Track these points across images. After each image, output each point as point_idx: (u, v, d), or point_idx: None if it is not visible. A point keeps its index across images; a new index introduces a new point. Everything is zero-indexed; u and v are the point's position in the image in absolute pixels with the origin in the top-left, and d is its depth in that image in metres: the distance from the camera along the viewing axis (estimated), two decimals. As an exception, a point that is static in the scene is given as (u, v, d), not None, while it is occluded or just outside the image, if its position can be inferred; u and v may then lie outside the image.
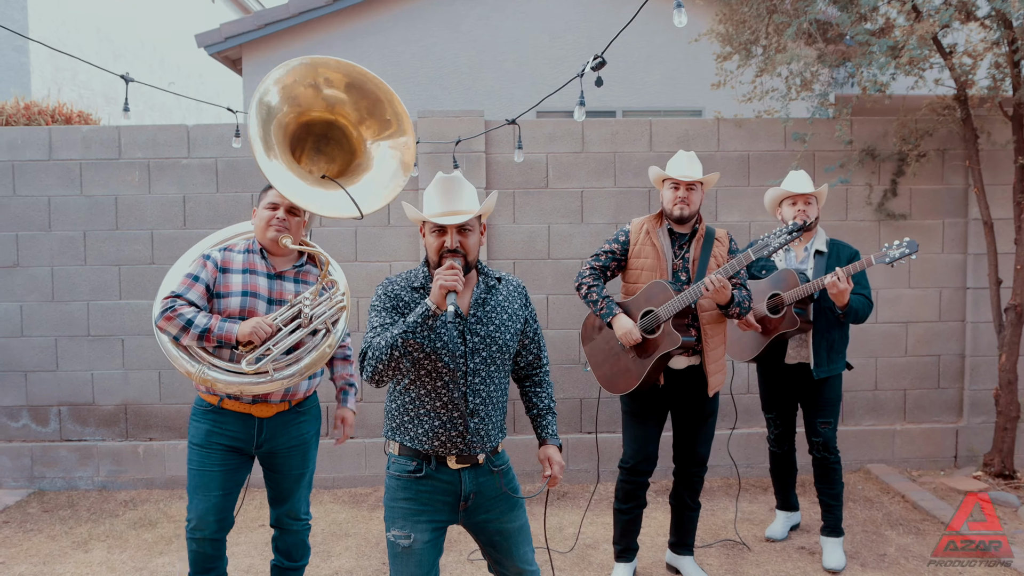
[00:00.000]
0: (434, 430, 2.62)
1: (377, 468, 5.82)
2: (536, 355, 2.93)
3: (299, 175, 2.95)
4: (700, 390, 3.96)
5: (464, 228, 2.64)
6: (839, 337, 4.34)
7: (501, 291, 2.77)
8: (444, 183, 2.69)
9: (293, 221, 3.30)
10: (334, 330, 3.29)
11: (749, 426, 5.93)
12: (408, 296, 2.67)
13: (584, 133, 5.82)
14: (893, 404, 6.02)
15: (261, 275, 3.29)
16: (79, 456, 5.75)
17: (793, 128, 5.79)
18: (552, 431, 2.89)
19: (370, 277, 5.78)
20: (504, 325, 2.71)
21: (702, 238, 3.96)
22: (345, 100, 3.04)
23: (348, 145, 3.12)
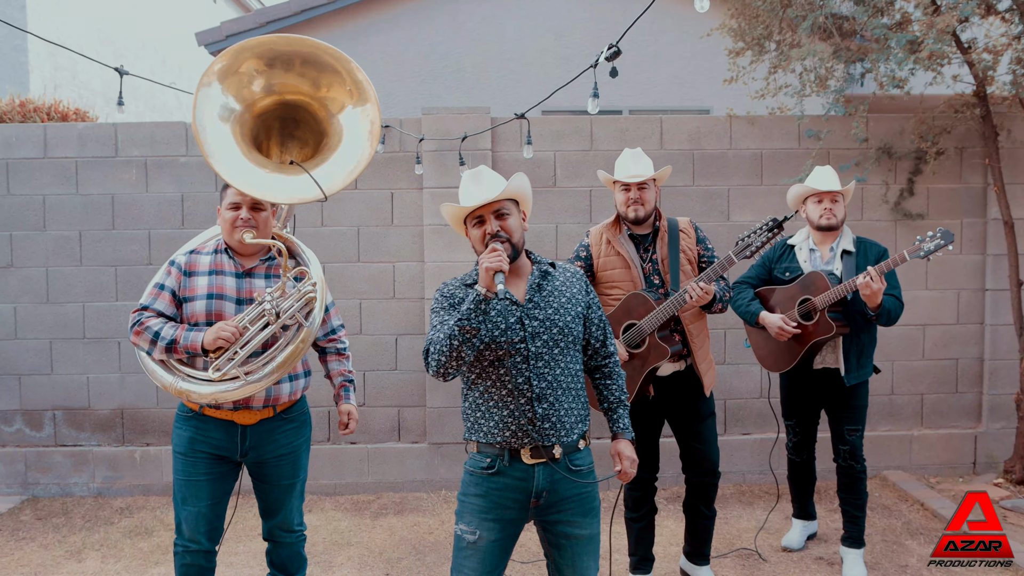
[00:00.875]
0: (504, 420, 2.59)
1: (380, 474, 5.67)
2: (602, 342, 2.85)
3: (258, 164, 2.84)
4: (693, 393, 3.84)
5: (501, 212, 2.66)
6: (868, 340, 4.18)
7: (557, 276, 2.77)
8: (470, 177, 2.74)
9: (260, 217, 3.12)
10: (307, 323, 3.07)
11: (762, 431, 5.77)
12: (462, 293, 2.71)
13: (593, 131, 5.68)
14: (910, 409, 5.86)
15: (228, 275, 3.14)
16: (74, 462, 5.60)
17: (807, 125, 5.64)
18: (624, 424, 2.83)
19: (373, 278, 5.64)
20: (563, 308, 2.69)
21: (666, 234, 3.82)
22: (302, 78, 2.90)
23: (316, 125, 2.99)
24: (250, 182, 2.78)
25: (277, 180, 2.82)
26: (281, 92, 2.95)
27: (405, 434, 5.72)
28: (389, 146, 5.58)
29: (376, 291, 5.64)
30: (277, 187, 2.82)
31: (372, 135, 2.89)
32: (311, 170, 2.86)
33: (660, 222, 3.86)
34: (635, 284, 3.75)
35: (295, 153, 3.05)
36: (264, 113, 2.94)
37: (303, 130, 3.04)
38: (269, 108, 2.95)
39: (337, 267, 5.63)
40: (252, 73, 2.88)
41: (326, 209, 5.60)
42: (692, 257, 3.84)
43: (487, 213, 2.67)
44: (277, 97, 2.95)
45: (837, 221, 4.17)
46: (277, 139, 3.05)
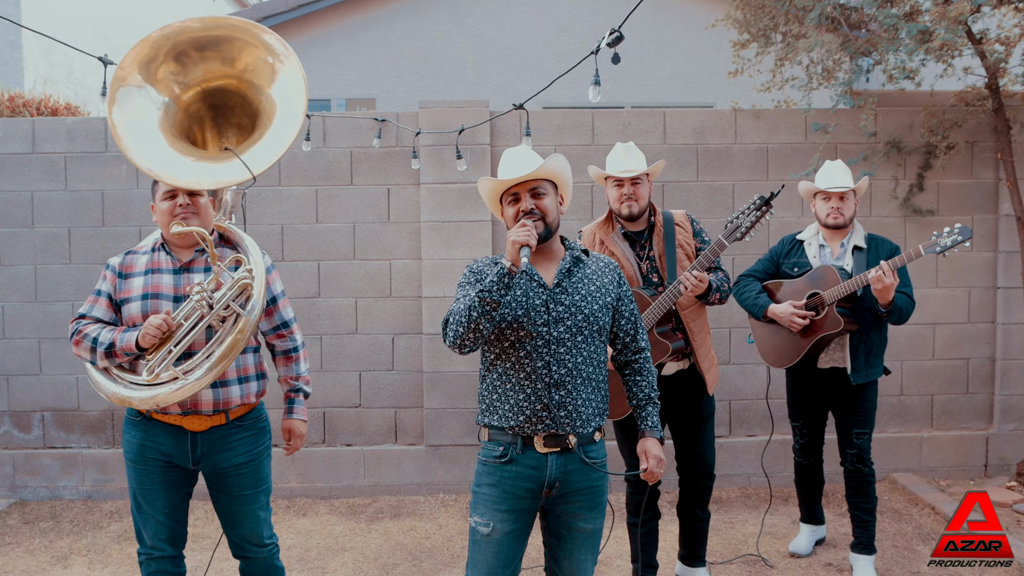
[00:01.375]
0: (519, 404, 2.55)
1: (376, 477, 5.53)
2: (632, 336, 2.79)
3: (184, 153, 2.76)
4: (695, 392, 3.73)
5: (537, 192, 2.62)
6: (878, 340, 4.05)
7: (589, 264, 2.72)
8: (510, 155, 2.71)
9: (199, 204, 2.93)
10: (245, 312, 2.82)
11: (767, 433, 5.63)
12: (490, 270, 2.66)
13: (594, 125, 5.54)
14: (920, 410, 5.72)
15: (166, 272, 2.94)
16: (63, 464, 5.47)
17: (814, 119, 5.49)
18: (652, 423, 2.77)
19: (369, 276, 5.50)
20: (592, 296, 2.64)
21: (661, 229, 3.70)
22: (211, 61, 2.82)
23: (248, 106, 2.88)
24: (172, 171, 2.71)
25: (203, 167, 2.78)
26: (199, 83, 2.88)
27: (402, 436, 5.59)
28: (385, 141, 5.45)
29: (372, 289, 5.51)
30: (201, 173, 2.75)
31: (301, 99, 2.82)
32: (249, 150, 2.79)
33: (655, 217, 3.74)
34: (632, 283, 3.64)
35: (233, 140, 2.98)
36: (193, 103, 2.88)
37: (238, 114, 2.97)
38: (197, 98, 2.88)
39: (332, 265, 5.49)
40: (170, 62, 2.82)
41: (321, 205, 5.47)
42: (690, 252, 3.71)
43: (523, 191, 2.62)
44: (197, 89, 2.88)
45: (844, 220, 4.05)
46: (213, 130, 2.99)
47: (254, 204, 5.45)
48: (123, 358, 2.83)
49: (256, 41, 2.88)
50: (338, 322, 5.51)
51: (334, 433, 5.57)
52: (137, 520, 2.97)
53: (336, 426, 5.57)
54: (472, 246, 5.43)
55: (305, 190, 5.48)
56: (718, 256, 3.54)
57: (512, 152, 2.70)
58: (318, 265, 5.49)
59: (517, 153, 2.69)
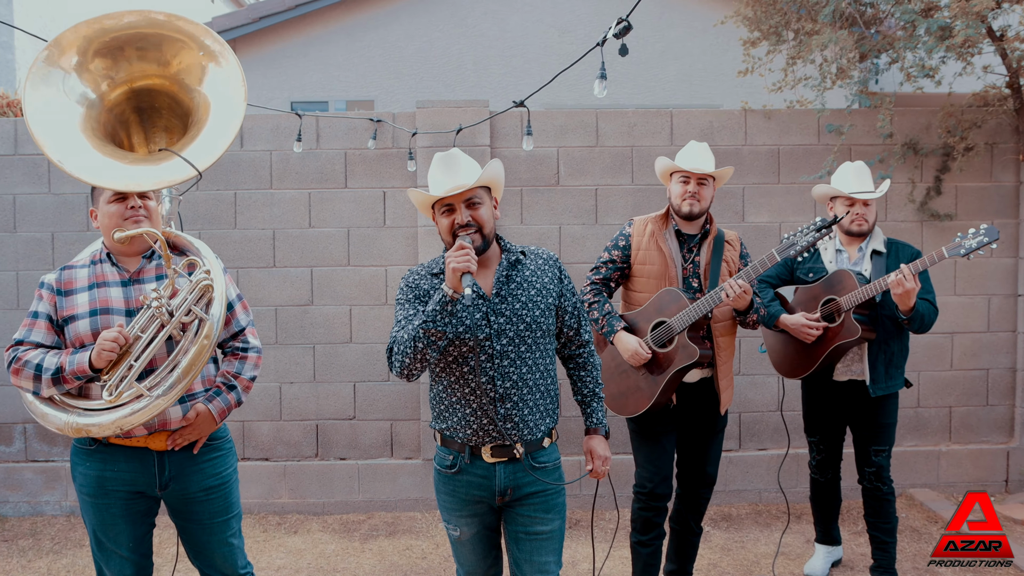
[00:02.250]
0: (466, 418, 2.54)
1: (371, 492, 5.31)
2: (576, 330, 2.74)
3: (117, 157, 2.57)
4: (710, 407, 3.62)
5: (473, 202, 2.54)
6: (899, 349, 3.84)
7: (528, 265, 2.64)
8: (442, 160, 2.60)
9: (149, 206, 2.71)
10: (208, 316, 2.60)
11: (779, 447, 5.40)
12: (428, 284, 2.60)
13: (599, 125, 5.33)
14: (937, 423, 5.49)
15: (113, 285, 2.69)
16: (45, 478, 5.25)
17: (828, 119, 5.27)
18: (599, 418, 2.76)
19: (364, 283, 5.29)
20: (532, 301, 2.58)
21: (712, 241, 3.60)
22: (144, 61, 2.65)
23: (178, 106, 2.70)
24: (110, 176, 2.52)
25: (141, 170, 2.62)
26: (127, 81, 2.68)
27: (398, 449, 5.37)
28: (381, 142, 5.24)
29: (367, 296, 5.30)
30: (141, 175, 2.59)
31: (238, 93, 2.66)
32: (188, 148, 2.63)
33: (711, 226, 3.64)
34: (671, 283, 3.54)
35: (163, 143, 2.76)
36: (118, 106, 2.67)
37: (165, 117, 2.76)
38: (122, 100, 2.68)
39: (325, 271, 5.28)
40: (91, 62, 2.63)
41: (314, 209, 5.26)
42: (733, 269, 3.62)
43: (457, 202, 2.54)
44: (125, 88, 2.68)
45: (868, 226, 3.86)
46: (140, 134, 2.76)
47: (244, 208, 5.24)
48: (73, 383, 2.54)
49: (194, 43, 2.70)
50: (332, 331, 5.30)
51: (327, 446, 5.35)
52: (98, 559, 2.73)
53: (329, 439, 5.35)
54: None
55: (297, 193, 5.26)
56: (767, 268, 3.43)
57: (444, 158, 2.59)
58: (311, 271, 5.28)
59: (449, 160, 2.59)
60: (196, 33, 2.69)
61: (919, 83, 4.75)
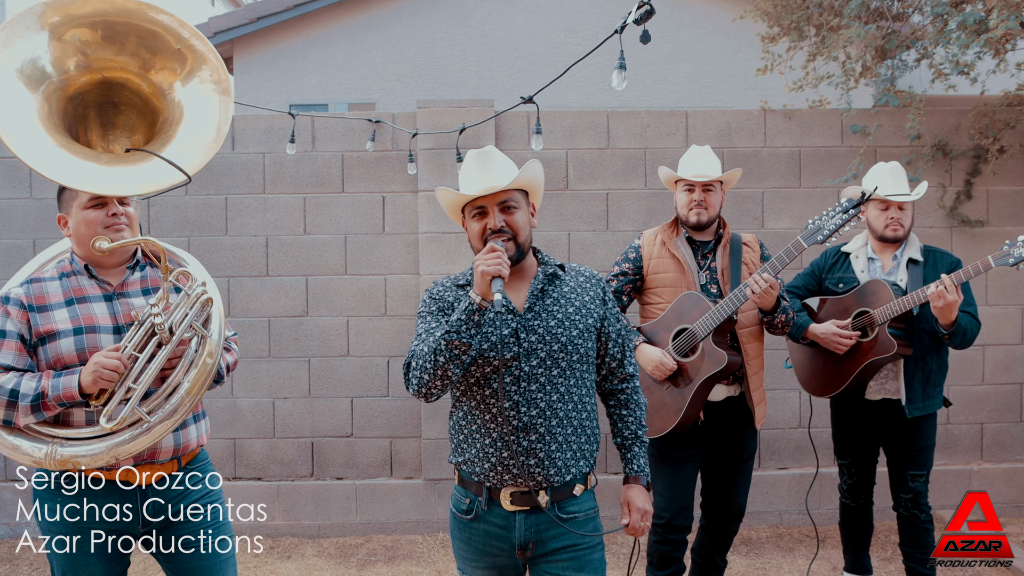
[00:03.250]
0: (484, 450, 2.24)
1: (369, 514, 5.02)
2: (619, 361, 2.43)
3: (86, 156, 2.25)
4: (741, 425, 3.38)
5: (508, 205, 2.26)
6: (937, 366, 3.56)
7: (567, 281, 2.36)
8: (476, 157, 2.32)
9: (130, 214, 2.48)
10: (209, 332, 2.42)
11: (801, 466, 5.11)
12: (453, 295, 2.34)
13: (610, 126, 5.05)
14: (968, 440, 5.19)
15: (95, 300, 2.44)
16: (26, 499, 4.97)
17: (853, 120, 4.99)
18: (639, 466, 2.40)
19: (362, 293, 5.01)
20: (570, 320, 2.28)
21: (728, 245, 3.37)
22: (115, 48, 2.34)
23: (144, 103, 2.41)
24: (92, 179, 2.18)
25: (121, 172, 2.26)
26: (103, 69, 2.36)
27: (398, 468, 5.08)
28: (380, 144, 4.97)
29: (365, 307, 5.02)
30: (123, 179, 2.24)
31: (223, 94, 2.38)
32: (165, 149, 2.32)
33: (724, 231, 3.41)
34: (688, 288, 3.34)
35: (123, 142, 2.44)
36: (80, 95, 2.33)
37: (126, 114, 2.44)
38: (83, 91, 2.34)
39: (321, 280, 5.01)
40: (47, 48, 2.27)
41: (309, 215, 4.99)
42: (754, 271, 3.33)
43: (491, 205, 2.26)
44: (97, 76, 2.35)
45: (904, 232, 3.58)
46: (97, 128, 2.43)
47: (235, 214, 4.97)
48: (55, 410, 2.28)
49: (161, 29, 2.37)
50: (328, 343, 5.02)
51: (323, 465, 5.06)
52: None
53: (325, 457, 5.06)
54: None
55: (292, 198, 4.99)
56: (793, 258, 3.18)
57: (478, 155, 2.32)
58: (306, 280, 5.01)
59: (483, 158, 2.31)
60: (173, 27, 2.39)
61: (951, 81, 4.47)
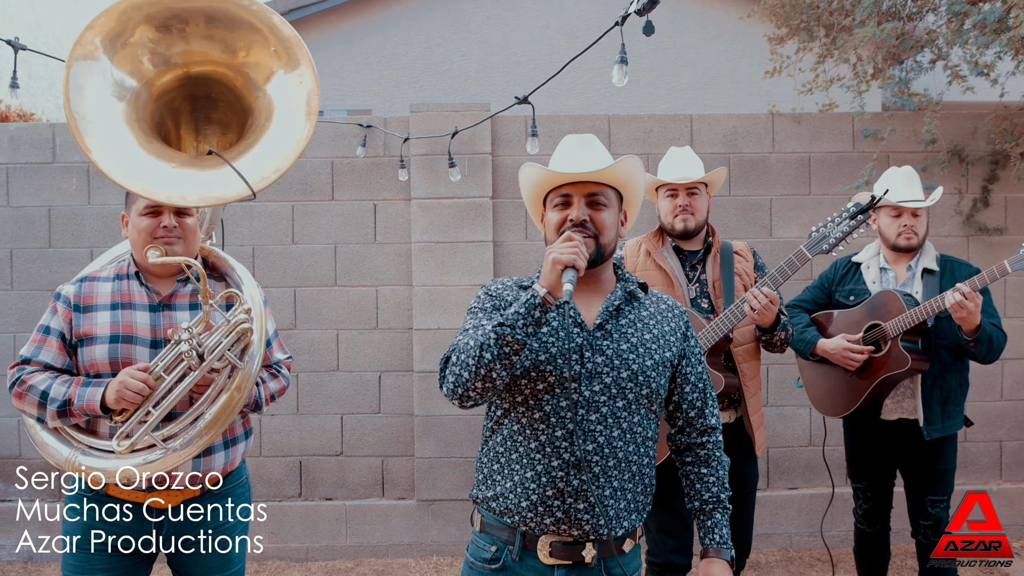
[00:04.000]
0: (524, 484, 1.90)
1: (359, 537, 4.80)
2: (700, 410, 2.10)
3: (163, 157, 2.16)
4: (740, 454, 3.11)
5: (596, 200, 1.98)
6: (956, 384, 3.34)
7: (646, 305, 2.07)
8: (574, 140, 2.08)
9: (187, 225, 2.39)
10: (242, 364, 2.30)
11: (812, 486, 4.88)
12: (513, 295, 2.05)
13: (611, 131, 4.85)
14: (987, 459, 4.96)
15: (140, 308, 2.38)
16: (1, 520, 4.76)
17: (865, 124, 4.78)
18: (721, 536, 2.05)
19: (352, 305, 4.80)
20: (646, 347, 1.98)
21: (718, 254, 3.12)
22: (210, 42, 2.23)
23: (237, 101, 2.29)
24: (151, 181, 2.06)
25: (188, 177, 2.14)
26: (185, 63, 2.24)
27: (390, 489, 4.86)
28: (371, 149, 4.77)
29: (356, 320, 4.81)
30: (188, 185, 2.11)
31: (310, 108, 2.18)
32: (243, 157, 2.18)
33: (713, 238, 3.16)
34: None
35: (214, 141, 2.34)
36: (168, 92, 2.25)
37: (222, 110, 2.32)
38: (174, 85, 2.25)
39: (310, 292, 4.80)
40: (145, 40, 2.18)
41: (297, 223, 4.78)
42: (748, 283, 3.13)
43: (578, 195, 1.97)
44: (183, 70, 2.24)
45: (918, 241, 3.36)
46: (190, 125, 2.35)
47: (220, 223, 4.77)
48: (80, 418, 2.27)
49: (270, 34, 2.25)
50: (317, 357, 4.80)
51: (312, 485, 4.84)
52: None
53: (314, 477, 4.84)
54: (471, 270, 4.72)
55: (279, 206, 4.79)
56: (796, 271, 2.95)
57: (575, 139, 2.07)
58: (294, 292, 4.80)
59: (580, 142, 2.06)
60: (273, 23, 2.25)
61: (969, 83, 4.26)
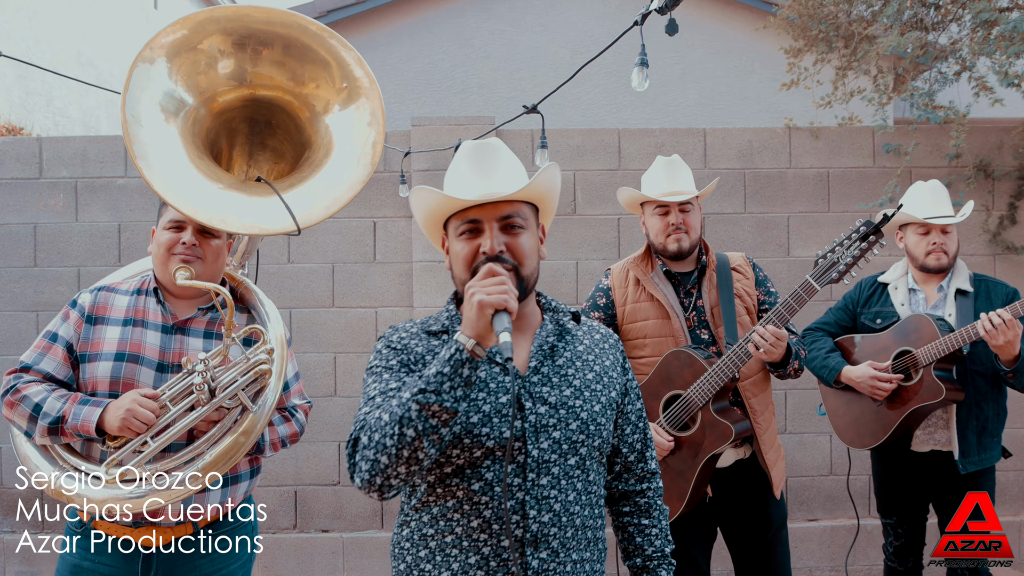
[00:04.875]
0: (467, 572, 1.55)
1: (358, 570, 4.58)
2: (640, 453, 1.80)
3: (210, 176, 2.11)
4: (759, 491, 2.82)
5: (512, 223, 1.63)
6: (993, 413, 3.11)
7: (581, 338, 1.74)
8: (472, 152, 1.70)
9: (210, 246, 2.25)
10: (254, 407, 2.14)
11: (833, 517, 4.65)
12: (424, 346, 1.68)
13: (621, 145, 4.67)
14: (1019, 488, 4.75)
15: (152, 328, 2.25)
16: None
17: (886, 138, 4.58)
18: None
19: (351, 327, 4.60)
20: (590, 389, 1.66)
21: (714, 273, 2.82)
22: (280, 68, 2.17)
23: (298, 133, 2.24)
24: (195, 199, 2.03)
25: (234, 200, 2.10)
26: (254, 84, 2.20)
27: (389, 520, 4.64)
28: (371, 165, 4.57)
29: (354, 343, 4.62)
30: (232, 210, 2.07)
31: (373, 150, 2.15)
32: (285, 191, 2.12)
33: (707, 256, 2.86)
34: (676, 340, 2.77)
35: (265, 168, 2.31)
36: (228, 111, 2.22)
37: (280, 138, 2.29)
38: (235, 105, 2.22)
39: (306, 313, 4.61)
40: (216, 54, 2.15)
41: (293, 242, 4.60)
42: (751, 304, 2.83)
43: (489, 220, 1.62)
44: (248, 91, 2.21)
45: (948, 260, 3.13)
46: (244, 147, 2.32)
47: (214, 240, 4.58)
48: (72, 438, 2.11)
49: (339, 69, 2.21)
50: (313, 382, 4.60)
51: (307, 516, 4.61)
52: None
53: (310, 508, 4.62)
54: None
55: (275, 223, 4.59)
56: (804, 305, 2.62)
57: (474, 150, 1.70)
58: (290, 313, 4.62)
59: (483, 152, 1.69)
60: (346, 59, 2.19)
61: (998, 94, 4.06)
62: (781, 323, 2.61)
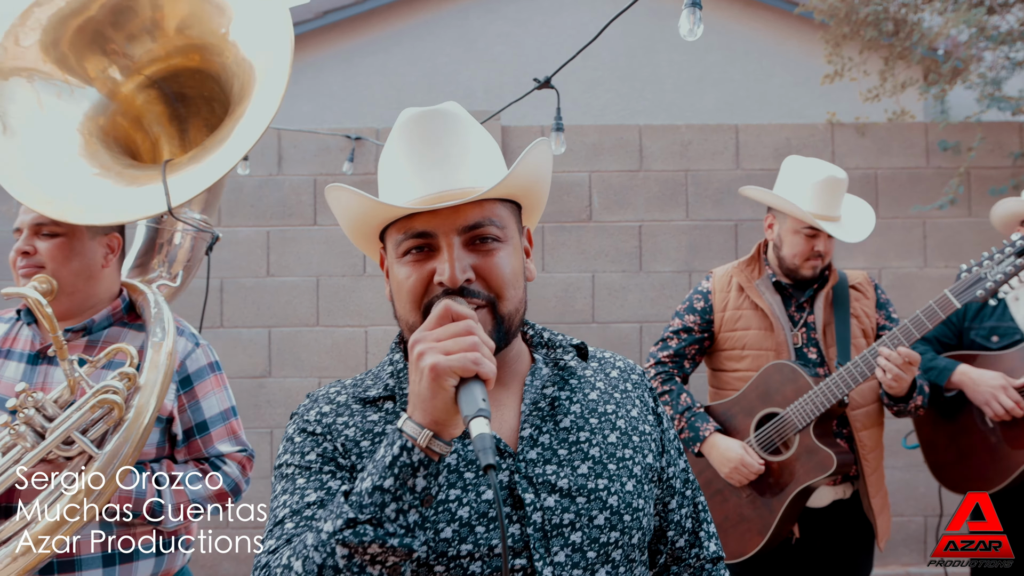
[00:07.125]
0: None
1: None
2: (692, 534, 1.27)
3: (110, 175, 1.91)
4: (855, 544, 2.55)
5: (483, 234, 1.09)
6: None
7: (591, 380, 1.21)
8: (417, 126, 1.12)
9: (50, 248, 1.87)
10: (100, 453, 1.64)
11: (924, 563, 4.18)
12: (357, 424, 1.13)
13: (643, 144, 4.27)
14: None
15: (15, 357, 1.92)
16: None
17: (942, 135, 4.11)
18: None
19: (337, 348, 4.23)
20: (616, 459, 1.15)
21: (831, 291, 2.59)
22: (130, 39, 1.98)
23: (211, 82, 2.00)
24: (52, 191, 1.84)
25: (102, 187, 1.88)
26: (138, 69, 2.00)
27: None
28: (361, 165, 4.32)
29: (341, 366, 4.29)
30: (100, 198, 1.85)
31: None
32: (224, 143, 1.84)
33: (829, 272, 2.60)
34: (779, 355, 2.54)
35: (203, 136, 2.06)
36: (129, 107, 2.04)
37: (197, 102, 2.07)
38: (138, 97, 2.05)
39: (288, 333, 4.27)
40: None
41: (273, 252, 4.26)
42: (868, 327, 2.59)
43: (446, 231, 1.08)
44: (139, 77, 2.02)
45: None
46: (170, 129, 2.10)
47: (184, 251, 4.16)
48: None
49: None
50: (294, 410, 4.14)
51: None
52: None
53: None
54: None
55: (253, 232, 4.30)
56: (937, 324, 2.32)
57: (420, 120, 1.13)
58: (268, 333, 4.29)
59: (433, 123, 1.12)
60: None
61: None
62: (908, 341, 2.29)
